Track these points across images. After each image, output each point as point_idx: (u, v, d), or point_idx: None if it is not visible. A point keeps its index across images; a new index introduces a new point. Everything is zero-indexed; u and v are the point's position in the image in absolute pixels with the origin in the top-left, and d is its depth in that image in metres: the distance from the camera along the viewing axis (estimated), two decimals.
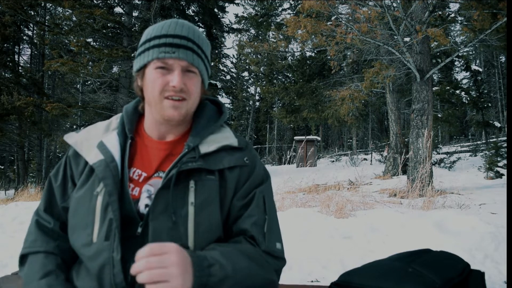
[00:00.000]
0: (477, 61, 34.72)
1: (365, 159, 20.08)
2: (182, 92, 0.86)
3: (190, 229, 0.82)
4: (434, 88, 11.64)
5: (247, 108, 34.01)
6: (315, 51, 13.16)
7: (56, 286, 0.83)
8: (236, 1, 17.73)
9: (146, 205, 0.84)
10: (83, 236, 0.84)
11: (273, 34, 19.81)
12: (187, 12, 14.87)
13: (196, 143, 0.90)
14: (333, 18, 8.31)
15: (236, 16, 23.50)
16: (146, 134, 0.95)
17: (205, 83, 0.95)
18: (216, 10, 16.00)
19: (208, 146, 0.90)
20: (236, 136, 0.96)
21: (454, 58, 11.75)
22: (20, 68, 16.04)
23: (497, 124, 18.86)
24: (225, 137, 0.94)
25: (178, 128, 0.94)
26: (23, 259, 0.91)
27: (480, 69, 19.49)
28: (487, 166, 8.54)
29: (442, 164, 11.21)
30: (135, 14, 14.06)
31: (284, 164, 18.13)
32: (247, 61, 26.59)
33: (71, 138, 0.96)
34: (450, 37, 12.46)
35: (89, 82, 16.14)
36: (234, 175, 0.90)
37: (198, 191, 0.84)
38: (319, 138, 24.10)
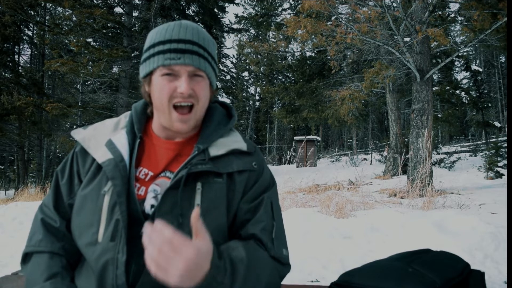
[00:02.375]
0: (477, 61, 34.72)
1: (365, 159, 20.08)
2: (191, 98, 0.86)
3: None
4: (434, 88, 11.64)
5: (247, 108, 34.04)
6: (315, 51, 13.15)
7: (63, 286, 0.82)
8: (236, 1, 17.73)
9: (152, 206, 0.83)
10: (87, 235, 0.83)
11: (273, 34, 19.79)
12: (187, 12, 14.86)
13: (206, 146, 0.90)
14: (333, 18, 8.31)
15: (236, 16, 23.47)
16: (154, 134, 0.95)
17: (213, 84, 0.94)
18: (216, 10, 16.00)
19: (217, 149, 0.90)
20: (245, 140, 0.96)
21: (454, 58, 11.74)
22: (20, 68, 16.06)
23: (497, 124, 18.86)
24: (235, 141, 0.94)
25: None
26: (26, 257, 0.90)
27: (480, 69, 19.50)
28: (487, 166, 8.54)
29: (442, 164, 11.21)
30: (135, 14, 14.06)
31: (284, 164, 18.14)
32: (247, 61, 26.59)
33: (78, 134, 0.95)
34: (450, 37, 12.46)
35: (89, 82, 16.12)
36: (243, 179, 0.90)
37: (204, 193, 0.84)
38: (319, 138, 24.11)
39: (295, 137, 19.62)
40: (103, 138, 0.92)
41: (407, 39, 6.89)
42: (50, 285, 0.82)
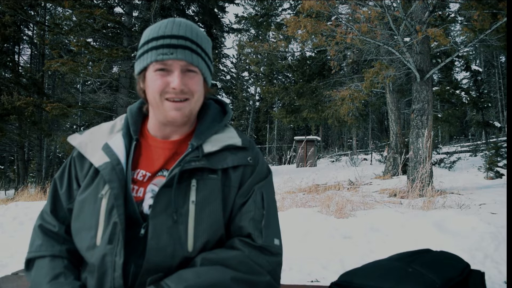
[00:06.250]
0: (477, 61, 34.70)
1: (365, 159, 20.07)
2: (183, 93, 0.86)
3: (190, 228, 0.82)
4: (434, 88, 11.63)
5: (247, 108, 34.00)
6: (315, 51, 13.14)
7: (66, 285, 0.82)
8: (236, 1, 17.71)
9: (150, 206, 0.84)
10: (87, 238, 0.84)
11: (273, 34, 19.80)
12: (187, 12, 14.86)
13: (200, 143, 0.90)
14: (333, 18, 8.31)
15: (236, 16, 23.48)
16: (150, 135, 0.95)
17: (208, 81, 0.94)
18: (216, 10, 15.99)
19: (211, 145, 0.90)
20: (240, 135, 0.96)
21: (454, 58, 11.74)
22: (20, 68, 16.03)
23: (497, 124, 18.84)
24: (229, 137, 0.94)
25: (182, 128, 0.94)
26: (29, 263, 0.91)
27: (480, 69, 19.46)
28: (487, 166, 8.53)
29: (442, 164, 11.21)
30: (135, 14, 14.05)
31: (284, 164, 18.14)
32: (247, 61, 26.60)
33: (74, 139, 0.95)
34: (450, 37, 12.45)
35: (89, 82, 16.12)
36: (238, 174, 0.90)
37: (199, 189, 0.84)
38: (319, 138, 24.09)
39: (295, 137, 19.63)
40: (99, 142, 0.92)
41: (407, 39, 6.89)
42: (52, 286, 0.82)
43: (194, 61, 0.87)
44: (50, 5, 15.57)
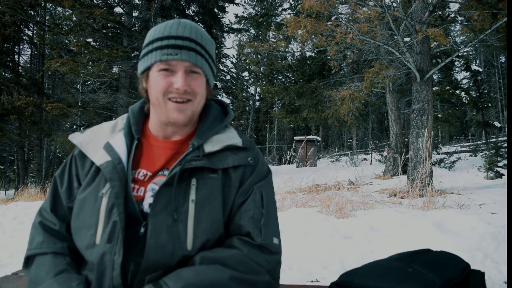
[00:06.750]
0: (477, 61, 34.69)
1: (365, 159, 20.06)
2: (186, 94, 0.86)
3: (190, 227, 0.82)
4: (434, 88, 11.63)
5: (247, 108, 34.00)
6: (315, 51, 13.15)
7: (71, 281, 0.81)
8: (236, 1, 17.72)
9: (150, 204, 0.84)
10: (86, 237, 0.84)
11: (273, 34, 19.79)
12: (187, 12, 14.85)
13: (201, 143, 0.90)
14: (333, 18, 8.31)
15: (236, 16, 23.49)
16: (152, 134, 0.95)
17: (210, 83, 0.95)
18: (216, 10, 15.99)
19: (212, 145, 0.91)
20: (240, 136, 0.96)
21: (454, 58, 11.74)
22: (20, 68, 16.02)
23: (497, 124, 18.84)
24: (230, 137, 0.94)
25: (184, 129, 0.94)
26: (28, 260, 0.90)
27: (480, 69, 19.45)
28: (487, 166, 8.53)
29: (442, 164, 11.21)
30: (135, 14, 14.04)
31: (284, 164, 18.14)
32: (247, 61, 26.60)
33: (76, 138, 0.96)
34: (450, 37, 12.44)
35: (89, 82, 16.12)
36: (238, 174, 0.91)
37: (199, 188, 0.85)
38: (319, 138, 24.09)
39: (295, 137, 19.63)
40: (101, 141, 0.92)
41: (407, 39, 6.89)
42: (57, 281, 0.81)
43: (198, 62, 0.87)
44: (50, 5, 15.57)
